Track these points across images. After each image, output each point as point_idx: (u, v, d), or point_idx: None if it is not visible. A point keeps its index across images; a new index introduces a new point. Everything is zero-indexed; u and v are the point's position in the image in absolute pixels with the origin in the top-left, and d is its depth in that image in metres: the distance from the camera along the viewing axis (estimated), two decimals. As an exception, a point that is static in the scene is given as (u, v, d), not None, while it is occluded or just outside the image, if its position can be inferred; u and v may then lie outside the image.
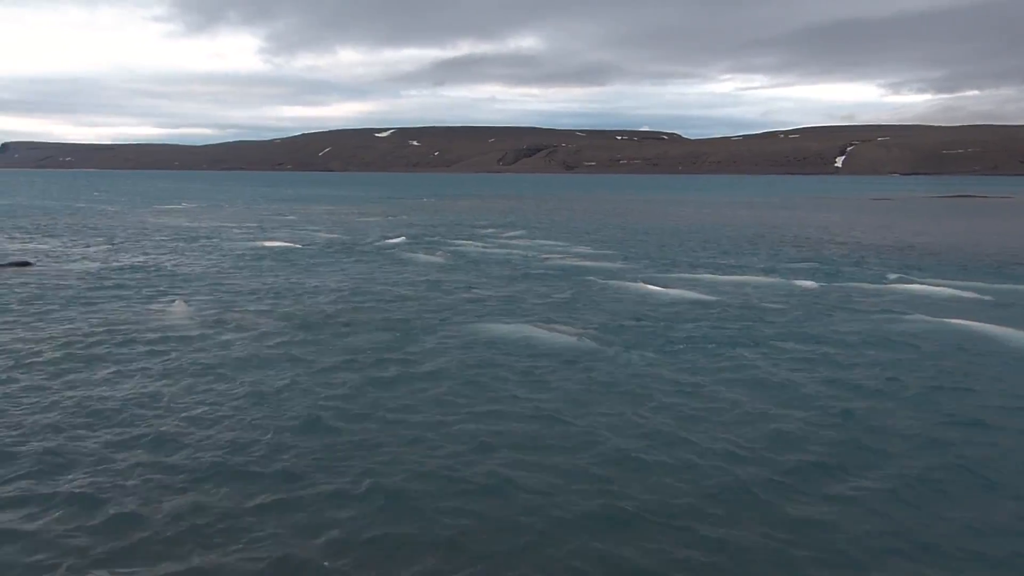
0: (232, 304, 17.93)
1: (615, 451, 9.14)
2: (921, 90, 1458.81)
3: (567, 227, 44.93)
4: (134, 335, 14.39)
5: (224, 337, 14.39)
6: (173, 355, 13.03)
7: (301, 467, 8.60)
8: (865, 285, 21.81)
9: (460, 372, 12.32)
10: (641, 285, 21.17)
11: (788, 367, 12.79)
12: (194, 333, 14.69)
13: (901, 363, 13.14)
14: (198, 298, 18.65)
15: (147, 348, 13.47)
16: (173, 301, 17.79)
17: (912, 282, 22.15)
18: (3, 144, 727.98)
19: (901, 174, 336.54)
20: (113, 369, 12.21)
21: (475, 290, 20.46)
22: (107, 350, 13.30)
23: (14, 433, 9.39)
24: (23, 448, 8.93)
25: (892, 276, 23.51)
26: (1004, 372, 12.68)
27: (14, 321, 15.60)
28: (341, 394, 11.11)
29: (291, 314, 16.69)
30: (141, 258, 26.85)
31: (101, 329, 14.88)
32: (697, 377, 12.20)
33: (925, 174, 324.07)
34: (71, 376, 11.79)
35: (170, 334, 14.54)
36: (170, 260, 26.27)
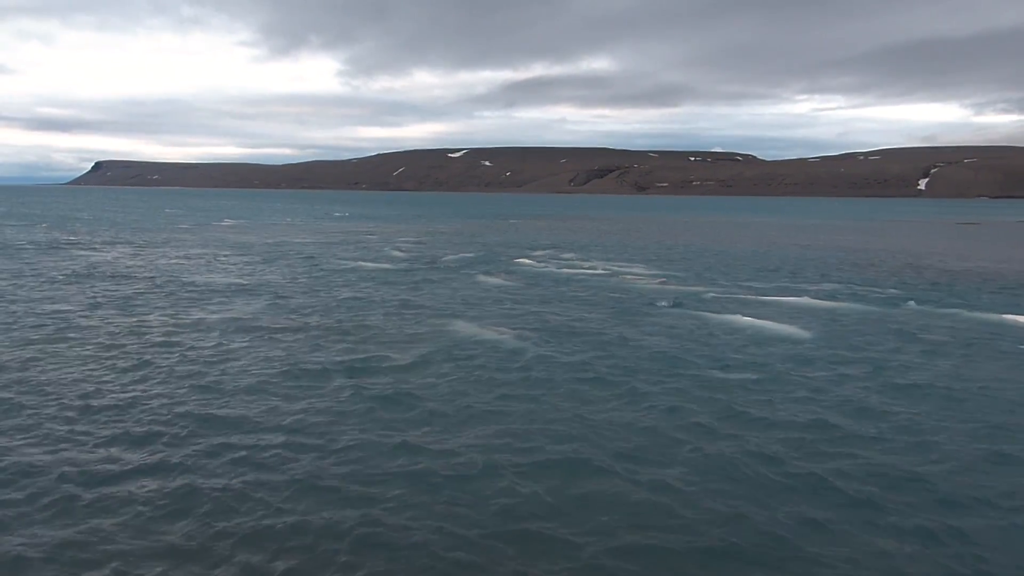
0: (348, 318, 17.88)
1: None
2: (1006, 111, 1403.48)
3: (642, 249, 44.07)
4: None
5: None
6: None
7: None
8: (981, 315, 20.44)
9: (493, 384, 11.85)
10: (724, 317, 20.26)
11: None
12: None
13: None
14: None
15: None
16: None
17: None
18: (97, 163, 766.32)
19: (990, 197, 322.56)
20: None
21: (537, 308, 19.94)
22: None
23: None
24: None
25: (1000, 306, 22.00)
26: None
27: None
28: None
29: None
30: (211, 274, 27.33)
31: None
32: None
33: (1017, 197, 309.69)
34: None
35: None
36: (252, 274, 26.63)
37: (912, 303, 22.78)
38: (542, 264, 33.75)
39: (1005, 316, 20.37)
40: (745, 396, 12.47)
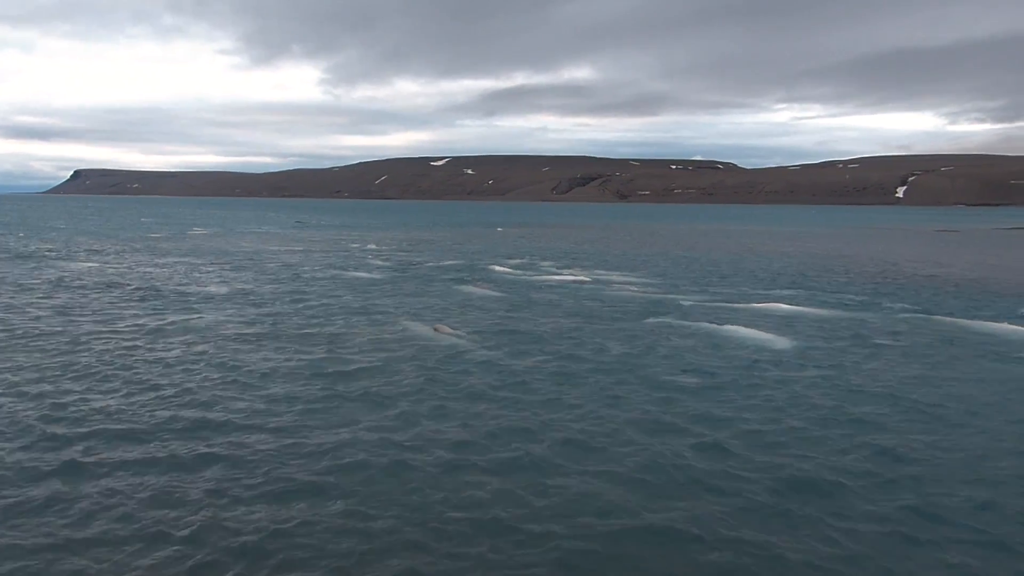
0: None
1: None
2: (980, 120, 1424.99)
3: (622, 257, 44.09)
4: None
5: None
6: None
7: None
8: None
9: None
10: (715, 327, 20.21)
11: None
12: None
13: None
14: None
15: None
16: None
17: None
18: (75, 171, 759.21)
19: (967, 205, 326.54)
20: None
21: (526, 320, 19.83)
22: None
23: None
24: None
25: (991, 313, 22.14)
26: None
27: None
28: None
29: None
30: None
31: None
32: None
33: (992, 205, 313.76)
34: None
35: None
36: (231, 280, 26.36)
37: (891, 309, 22.94)
38: (521, 272, 33.68)
39: (982, 323, 20.51)
40: (711, 399, 12.61)
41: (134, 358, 14.98)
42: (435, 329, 18.33)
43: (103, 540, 7.54)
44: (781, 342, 17.44)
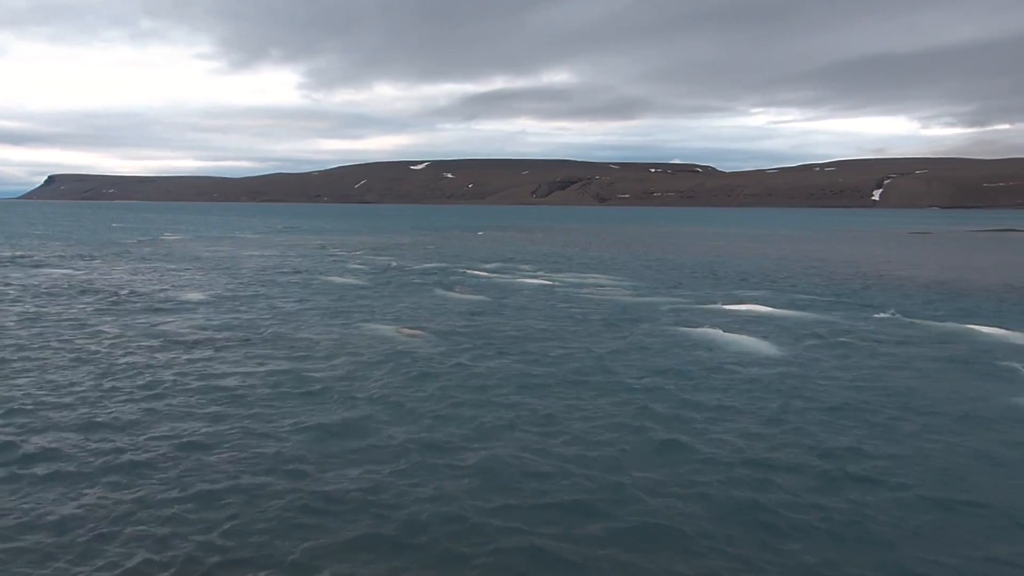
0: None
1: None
2: (951, 124, 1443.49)
3: (604, 260, 44.19)
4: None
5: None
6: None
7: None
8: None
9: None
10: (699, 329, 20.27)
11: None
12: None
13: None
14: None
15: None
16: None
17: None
18: (50, 177, 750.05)
19: (940, 207, 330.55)
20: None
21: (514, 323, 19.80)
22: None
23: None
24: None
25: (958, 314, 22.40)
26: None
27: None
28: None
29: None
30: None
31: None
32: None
33: (965, 207, 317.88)
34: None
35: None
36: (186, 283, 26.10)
37: (862, 310, 23.14)
38: (498, 275, 33.63)
39: (941, 323, 20.77)
40: (674, 399, 12.61)
41: (91, 363, 14.81)
42: (398, 331, 18.51)
43: (38, 549, 7.41)
44: (751, 342, 17.53)
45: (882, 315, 22.26)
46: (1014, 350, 17.04)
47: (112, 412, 11.69)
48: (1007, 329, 19.34)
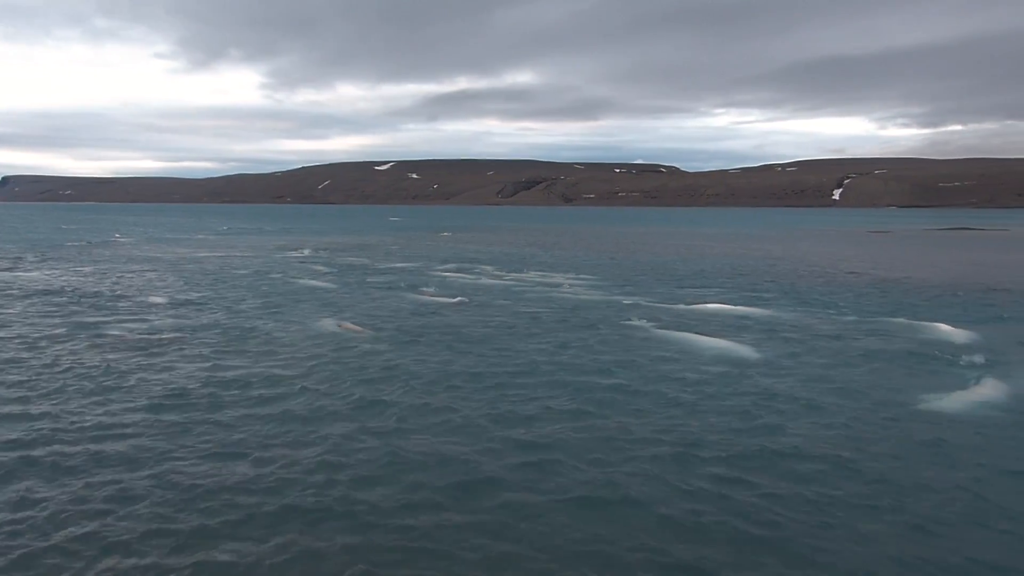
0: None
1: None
2: (906, 125, 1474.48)
3: (571, 260, 44.00)
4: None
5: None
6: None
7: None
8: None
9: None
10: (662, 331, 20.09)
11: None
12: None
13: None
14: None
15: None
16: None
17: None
18: (3, 178, 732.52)
19: (898, 207, 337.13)
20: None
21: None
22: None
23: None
24: None
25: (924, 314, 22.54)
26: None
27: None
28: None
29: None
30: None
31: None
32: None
33: (922, 207, 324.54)
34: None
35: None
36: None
37: (820, 307, 23.27)
38: (460, 275, 33.30)
39: (901, 319, 20.95)
40: (628, 396, 12.55)
41: (22, 366, 14.43)
42: (340, 326, 19.07)
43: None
44: (703, 339, 17.66)
45: (834, 311, 22.66)
46: (959, 347, 17.21)
47: (45, 409, 11.66)
48: (953, 325, 19.78)
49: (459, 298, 25.02)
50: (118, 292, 26.16)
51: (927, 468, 9.63)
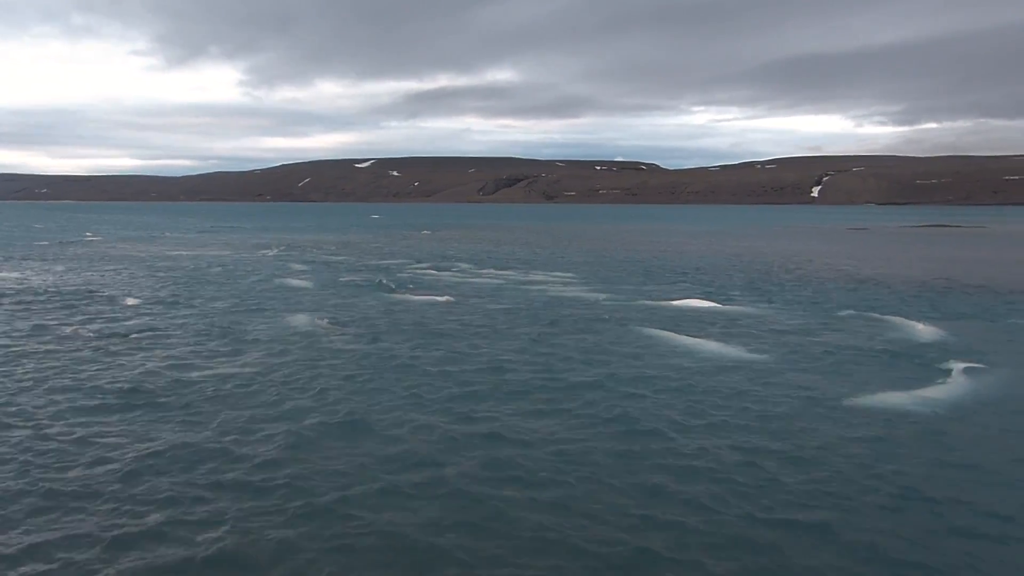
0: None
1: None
2: (882, 123, 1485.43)
3: (557, 260, 43.69)
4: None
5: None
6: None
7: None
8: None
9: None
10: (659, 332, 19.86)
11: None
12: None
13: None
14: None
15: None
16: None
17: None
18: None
19: (876, 204, 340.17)
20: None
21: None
22: None
23: None
24: None
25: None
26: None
27: None
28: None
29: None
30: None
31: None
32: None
33: (900, 204, 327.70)
34: None
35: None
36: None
37: (797, 304, 23.18)
38: (438, 272, 32.93)
39: (874, 315, 20.84)
40: (599, 390, 12.41)
41: None
42: (316, 323, 19.06)
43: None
44: (675, 337, 17.54)
45: (804, 307, 22.95)
46: (921, 343, 17.27)
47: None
48: (920, 320, 20.02)
49: (436, 296, 24.68)
50: (84, 291, 25.59)
51: (864, 461, 9.65)
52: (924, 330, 18.84)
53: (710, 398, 12.53)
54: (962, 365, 14.70)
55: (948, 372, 14.27)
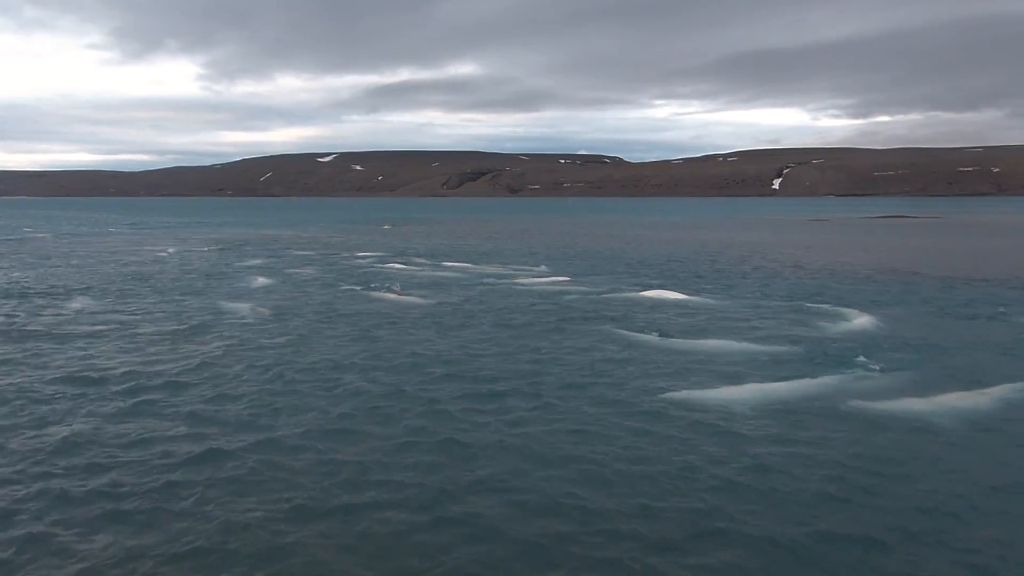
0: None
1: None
2: (837, 116, 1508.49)
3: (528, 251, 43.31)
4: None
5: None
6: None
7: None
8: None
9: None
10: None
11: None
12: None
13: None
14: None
15: None
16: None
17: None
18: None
19: (836, 195, 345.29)
20: None
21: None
22: None
23: None
24: None
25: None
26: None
27: None
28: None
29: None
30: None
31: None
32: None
33: (859, 195, 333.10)
34: None
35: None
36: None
37: (756, 294, 23.17)
38: (402, 267, 32.45)
39: (826, 306, 20.86)
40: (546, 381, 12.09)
41: None
42: (255, 310, 19.40)
43: None
44: (624, 333, 17.30)
45: (757, 297, 23.19)
46: (861, 332, 17.39)
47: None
48: (861, 309, 20.13)
49: (388, 288, 24.31)
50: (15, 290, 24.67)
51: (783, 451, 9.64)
52: (860, 317, 18.95)
53: (669, 390, 12.36)
54: (885, 352, 14.94)
55: (872, 360, 14.18)
